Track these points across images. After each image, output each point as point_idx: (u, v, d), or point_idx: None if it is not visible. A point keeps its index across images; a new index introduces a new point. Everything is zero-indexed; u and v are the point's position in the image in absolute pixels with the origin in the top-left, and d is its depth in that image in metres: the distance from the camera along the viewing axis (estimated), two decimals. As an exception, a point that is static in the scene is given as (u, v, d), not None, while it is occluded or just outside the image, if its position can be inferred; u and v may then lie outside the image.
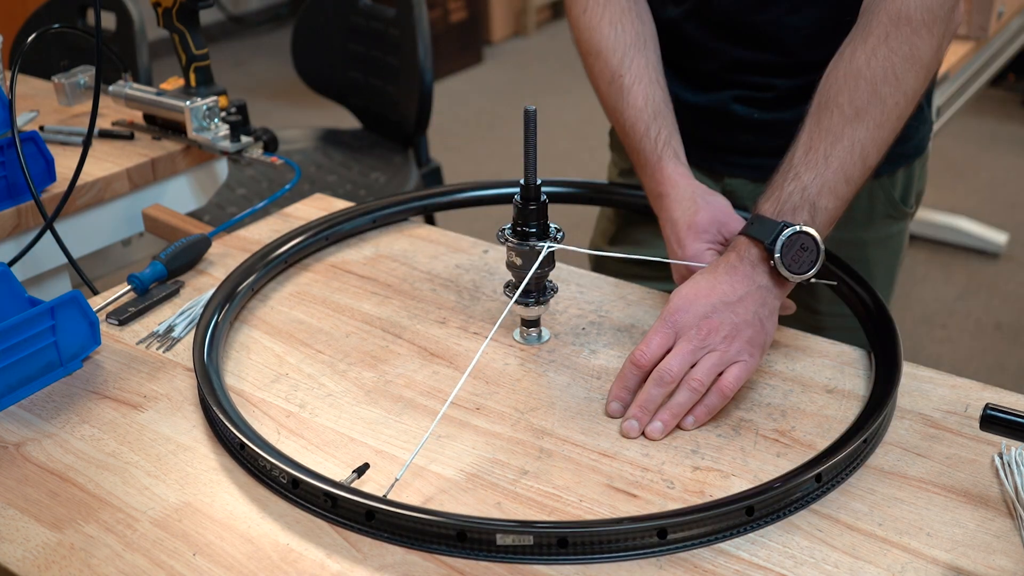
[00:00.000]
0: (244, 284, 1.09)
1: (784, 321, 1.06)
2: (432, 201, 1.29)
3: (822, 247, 0.94)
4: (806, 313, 1.25)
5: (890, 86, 0.97)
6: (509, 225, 1.00)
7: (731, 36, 1.18)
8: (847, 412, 0.92)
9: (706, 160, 1.26)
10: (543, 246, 0.98)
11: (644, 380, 0.91)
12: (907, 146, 1.25)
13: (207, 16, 4.56)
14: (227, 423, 0.88)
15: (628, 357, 0.91)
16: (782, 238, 0.93)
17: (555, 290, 1.04)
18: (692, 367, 0.90)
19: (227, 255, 1.22)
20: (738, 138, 1.24)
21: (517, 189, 0.98)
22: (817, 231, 0.94)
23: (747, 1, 1.15)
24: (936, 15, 0.98)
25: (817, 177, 0.96)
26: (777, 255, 0.93)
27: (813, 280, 1.09)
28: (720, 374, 0.90)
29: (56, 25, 1.42)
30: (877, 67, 0.97)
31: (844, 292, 1.07)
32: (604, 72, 1.16)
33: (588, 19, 1.17)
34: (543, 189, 0.98)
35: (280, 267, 1.16)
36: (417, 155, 2.36)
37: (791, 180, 0.96)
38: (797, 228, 0.93)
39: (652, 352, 0.91)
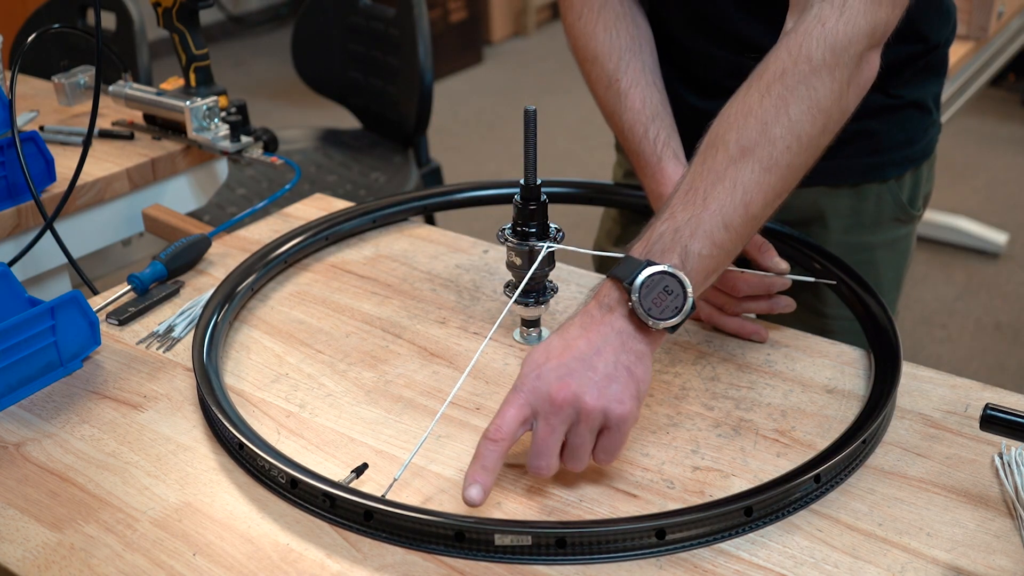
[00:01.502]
0: (243, 284, 1.09)
1: (789, 323, 1.06)
2: (432, 201, 1.29)
3: (690, 295, 0.83)
4: (812, 316, 1.25)
5: (782, 127, 0.87)
6: (509, 225, 1.00)
7: (730, 45, 1.18)
8: (847, 412, 0.92)
9: None
10: (543, 246, 0.98)
11: (502, 456, 0.79)
12: (915, 149, 1.24)
13: (207, 16, 4.57)
14: (226, 423, 0.88)
15: (483, 434, 0.79)
16: (641, 276, 0.82)
17: (555, 290, 1.04)
18: (564, 444, 0.81)
19: (227, 255, 1.22)
20: None
21: (517, 189, 0.98)
22: (688, 276, 0.83)
23: (737, 13, 1.15)
24: (840, 59, 0.89)
25: (692, 218, 0.85)
26: (635, 296, 0.82)
27: (813, 280, 1.09)
28: (600, 433, 0.81)
29: (56, 25, 1.42)
30: (769, 105, 0.88)
31: (843, 292, 1.07)
32: (601, 77, 1.16)
33: (583, 25, 1.17)
34: (543, 189, 0.98)
35: (279, 267, 1.16)
36: (417, 155, 2.36)
37: (665, 220, 0.86)
38: (660, 268, 0.82)
39: (508, 425, 0.79)
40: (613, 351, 0.81)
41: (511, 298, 1.00)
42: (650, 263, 0.83)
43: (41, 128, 1.50)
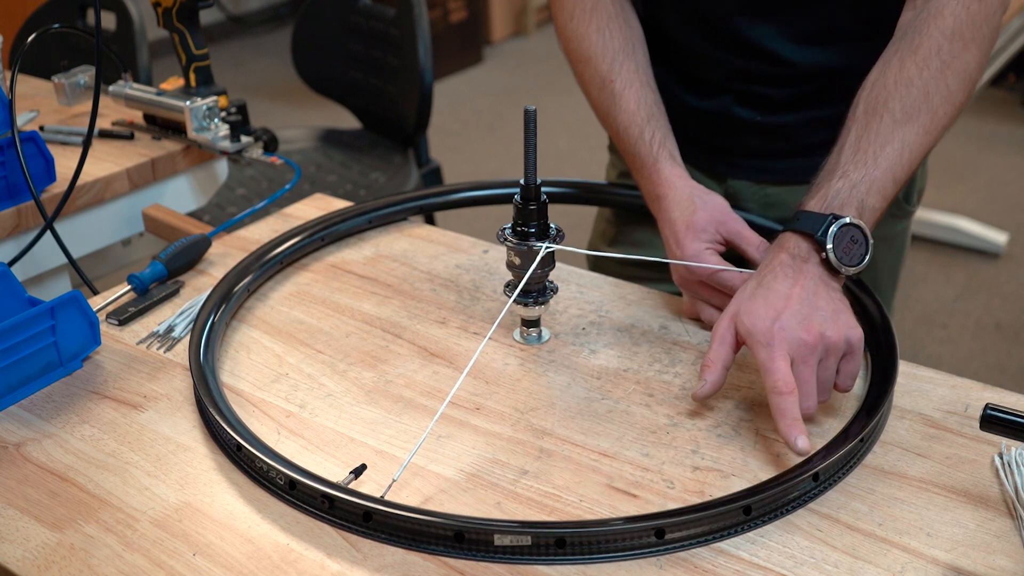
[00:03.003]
0: (240, 285, 1.09)
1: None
2: (431, 201, 1.29)
3: (871, 241, 0.94)
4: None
5: (941, 96, 0.99)
6: (509, 225, 1.00)
7: (727, 46, 1.18)
8: (846, 412, 0.92)
9: (708, 162, 1.26)
10: (542, 246, 0.98)
11: (798, 403, 0.86)
12: None
13: (207, 16, 4.57)
14: (224, 425, 0.88)
15: (771, 391, 0.85)
16: (833, 229, 0.92)
17: (555, 290, 1.04)
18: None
19: (227, 255, 1.22)
20: (741, 141, 1.24)
21: (516, 189, 0.98)
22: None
23: (736, 13, 1.16)
24: (983, 32, 1.01)
25: (866, 176, 0.95)
26: (829, 246, 0.92)
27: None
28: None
29: (56, 25, 1.42)
30: (929, 77, 0.99)
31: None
32: (594, 78, 1.16)
33: (575, 26, 1.17)
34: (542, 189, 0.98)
35: (276, 268, 1.16)
36: (417, 155, 2.36)
37: (839, 178, 0.96)
38: (847, 220, 0.92)
39: (790, 375, 0.86)
40: (824, 291, 0.91)
41: (511, 298, 1.00)
42: (836, 216, 0.92)
43: (41, 128, 1.50)
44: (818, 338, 0.87)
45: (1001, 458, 0.85)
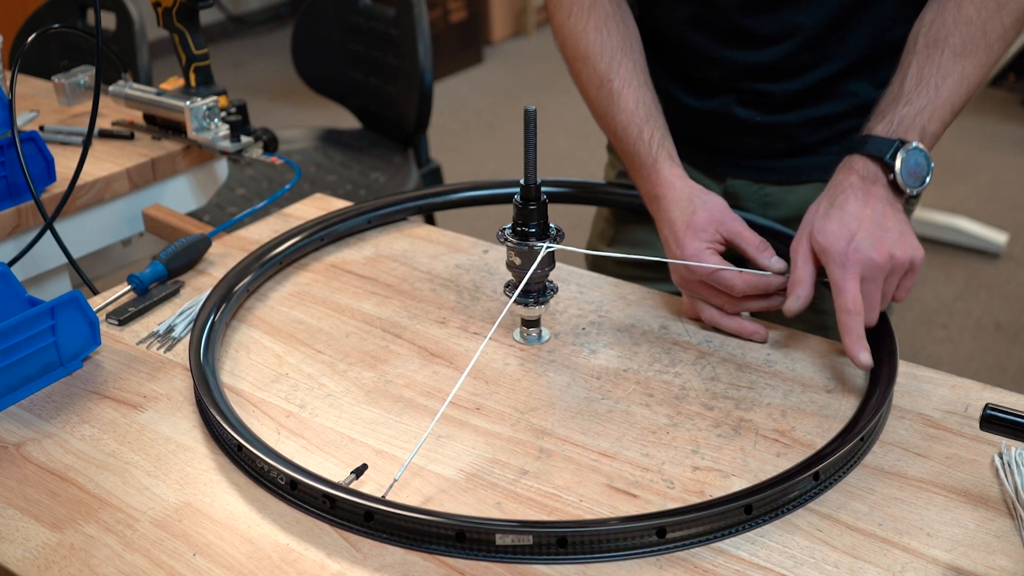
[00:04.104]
0: (240, 285, 1.09)
1: (789, 321, 1.06)
2: (431, 201, 1.29)
3: (932, 164, 1.01)
4: (812, 313, 1.25)
5: (996, 34, 1.05)
6: (509, 225, 1.00)
7: (734, 40, 1.18)
8: (847, 412, 0.92)
9: (708, 162, 1.26)
10: (542, 246, 0.98)
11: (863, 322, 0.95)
12: None
13: (207, 16, 4.57)
14: (224, 425, 0.88)
15: (840, 310, 0.94)
16: (902, 153, 0.99)
17: (555, 290, 1.04)
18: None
19: (227, 255, 1.22)
20: (740, 140, 1.24)
21: (516, 189, 0.98)
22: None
23: (741, 10, 1.15)
24: None
25: (929, 104, 1.02)
26: (898, 168, 0.98)
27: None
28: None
29: (56, 25, 1.42)
30: (987, 16, 1.05)
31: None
32: (592, 77, 1.15)
33: (573, 24, 1.17)
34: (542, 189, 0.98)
35: (276, 268, 1.16)
36: (417, 155, 2.36)
37: (903, 105, 1.02)
38: (914, 144, 0.99)
39: (858, 296, 0.94)
40: (892, 212, 0.98)
41: (511, 298, 1.00)
42: (903, 141, 1.00)
43: (41, 128, 1.50)
44: (888, 259, 0.94)
45: (1001, 458, 0.85)
